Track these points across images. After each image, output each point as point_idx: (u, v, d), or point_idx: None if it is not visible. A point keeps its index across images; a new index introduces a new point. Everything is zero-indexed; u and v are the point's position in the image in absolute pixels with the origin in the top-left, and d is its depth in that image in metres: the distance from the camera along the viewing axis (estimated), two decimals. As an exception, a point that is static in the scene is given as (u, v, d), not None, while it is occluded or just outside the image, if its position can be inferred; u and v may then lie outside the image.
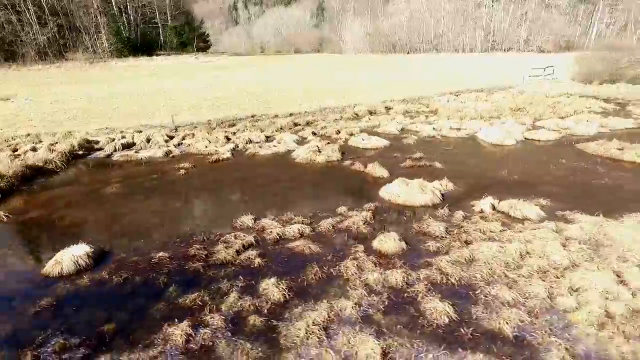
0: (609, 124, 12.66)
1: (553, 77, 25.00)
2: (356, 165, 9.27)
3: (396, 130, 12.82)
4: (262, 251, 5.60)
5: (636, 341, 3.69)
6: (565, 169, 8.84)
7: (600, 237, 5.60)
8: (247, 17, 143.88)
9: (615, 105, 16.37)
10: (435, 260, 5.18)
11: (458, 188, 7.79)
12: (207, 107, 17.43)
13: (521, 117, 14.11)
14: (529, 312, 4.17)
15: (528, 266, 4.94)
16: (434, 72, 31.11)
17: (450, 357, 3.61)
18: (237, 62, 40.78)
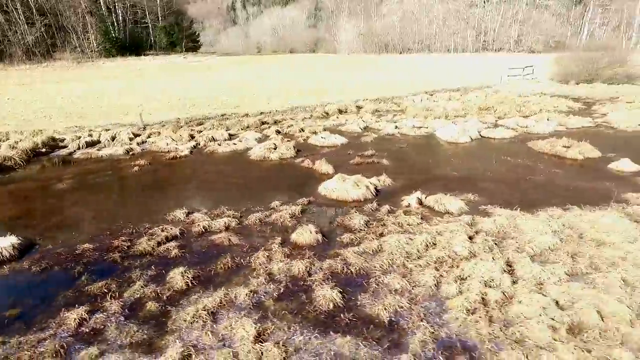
0: (568, 123, 12.88)
1: (532, 77, 25.21)
2: (306, 162, 9.48)
3: (359, 128, 13.02)
4: (183, 243, 5.81)
5: (497, 324, 3.90)
6: (506, 165, 9.05)
7: (509, 230, 5.81)
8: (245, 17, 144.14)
9: (582, 105, 16.59)
10: (343, 251, 5.38)
11: (396, 184, 7.99)
12: (182, 106, 17.65)
13: (486, 116, 14.31)
14: (411, 299, 4.37)
15: (428, 257, 5.14)
16: (418, 72, 31.34)
17: (318, 340, 3.81)
18: (225, 62, 40.99)
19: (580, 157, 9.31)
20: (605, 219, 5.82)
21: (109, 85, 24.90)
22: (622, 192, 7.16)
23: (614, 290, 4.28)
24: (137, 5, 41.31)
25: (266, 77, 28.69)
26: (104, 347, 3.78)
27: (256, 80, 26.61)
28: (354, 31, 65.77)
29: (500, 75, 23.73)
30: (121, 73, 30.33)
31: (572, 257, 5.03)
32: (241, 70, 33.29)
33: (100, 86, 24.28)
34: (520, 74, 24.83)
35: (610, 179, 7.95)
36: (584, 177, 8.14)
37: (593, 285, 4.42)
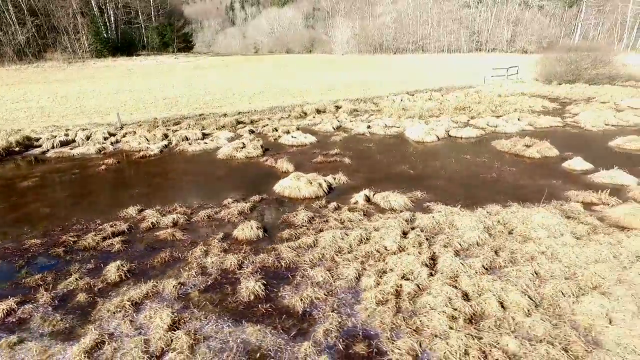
0: (537, 122, 13.06)
1: (517, 77, 25.40)
2: (269, 161, 9.67)
3: (332, 128, 13.21)
4: (128, 238, 5.99)
5: (402, 314, 4.08)
6: (464, 164, 9.23)
7: (444, 226, 6.00)
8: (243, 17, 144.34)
9: (558, 105, 16.77)
10: (280, 246, 5.57)
11: (351, 182, 8.18)
12: (164, 106, 17.83)
13: (460, 115, 14.49)
14: (329, 291, 4.56)
15: (358, 251, 5.33)
16: (406, 72, 31.52)
17: (230, 328, 4.00)
18: (215, 62, 41.17)
19: (538, 156, 9.49)
20: (537, 216, 6.00)
21: (96, 85, 25.07)
22: (566, 189, 7.35)
23: (522, 282, 4.46)
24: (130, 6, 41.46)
25: (253, 77, 28.86)
26: (24, 335, 3.96)
27: (243, 80, 26.79)
28: (349, 31, 66.01)
29: (484, 76, 23.89)
30: (110, 73, 30.52)
31: (495, 251, 5.22)
32: (230, 71, 33.47)
33: (87, 86, 24.45)
34: (505, 75, 25.00)
35: (560, 176, 8.13)
36: (536, 175, 8.32)
37: (506, 278, 4.61)
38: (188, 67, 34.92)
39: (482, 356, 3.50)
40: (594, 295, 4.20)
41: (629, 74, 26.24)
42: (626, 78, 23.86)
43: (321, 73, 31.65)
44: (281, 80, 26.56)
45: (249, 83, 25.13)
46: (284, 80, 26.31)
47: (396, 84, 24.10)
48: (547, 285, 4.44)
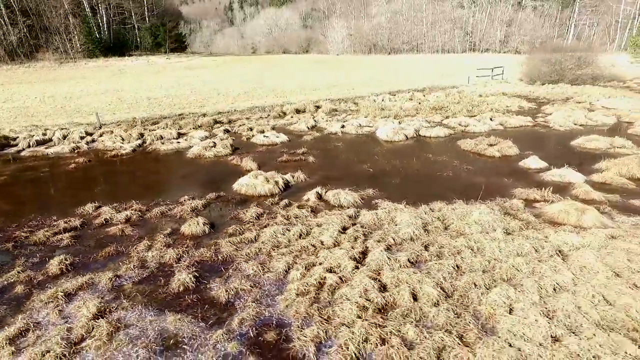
0: (508, 122, 13.24)
1: (502, 77, 25.59)
2: (236, 160, 9.87)
3: (306, 127, 13.40)
4: (79, 234, 6.19)
5: (318, 304, 4.27)
6: (424, 162, 9.43)
7: (385, 222, 6.19)
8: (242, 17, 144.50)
9: (535, 105, 16.95)
10: (222, 241, 5.76)
11: (309, 179, 8.38)
12: (147, 106, 18.03)
13: (435, 115, 14.69)
14: (256, 283, 4.76)
15: (295, 246, 5.52)
16: (394, 72, 31.70)
17: (152, 317, 4.19)
18: (208, 62, 41.40)
19: (498, 155, 9.68)
20: (475, 213, 6.19)
21: (85, 85, 25.27)
22: (515, 187, 7.54)
23: (440, 275, 4.66)
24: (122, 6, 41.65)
25: (242, 77, 29.05)
26: (-44, 325, 4.16)
27: (231, 80, 26.99)
28: (344, 32, 66.21)
29: (468, 76, 24.07)
30: (101, 74, 30.73)
31: (425, 246, 5.41)
32: (220, 71, 33.68)
33: (76, 87, 24.66)
34: (490, 75, 25.19)
35: (513, 174, 8.32)
36: (490, 173, 8.51)
37: (427, 271, 4.80)
38: (179, 68, 35.13)
39: (380, 342, 3.70)
40: (503, 287, 4.39)
41: (614, 74, 26.47)
42: (610, 78, 24.06)
43: (310, 73, 31.85)
44: (268, 80, 26.76)
45: (236, 83, 25.33)
46: (271, 81, 26.51)
47: (382, 84, 24.29)
48: (463, 277, 4.63)
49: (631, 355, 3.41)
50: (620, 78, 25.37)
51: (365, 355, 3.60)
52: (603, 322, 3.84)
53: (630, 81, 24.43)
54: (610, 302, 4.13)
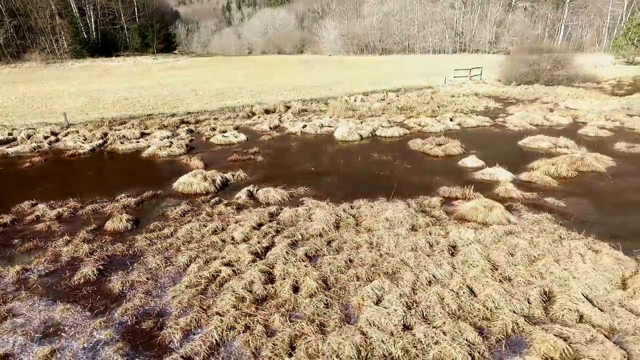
0: (466, 122, 13.47)
1: (481, 78, 25.81)
2: (185, 159, 10.09)
3: (268, 127, 13.62)
4: (7, 230, 6.41)
5: (203, 296, 4.49)
6: (367, 161, 9.64)
7: (300, 219, 6.41)
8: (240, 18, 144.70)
9: (502, 105, 17.17)
10: (139, 236, 5.97)
11: (249, 178, 8.60)
12: (121, 106, 18.23)
13: (398, 115, 14.91)
14: (153, 275, 4.97)
15: (205, 241, 5.74)
16: (378, 72, 31.91)
17: (42, 307, 4.41)
18: (194, 63, 41.68)
19: (442, 154, 9.91)
20: (389, 210, 6.42)
21: (67, 86, 25.49)
22: (442, 184, 7.74)
23: (328, 269, 4.88)
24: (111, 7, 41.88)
25: (223, 77, 29.24)
26: None
27: (212, 80, 27.21)
28: (336, 32, 66.49)
29: (444, 76, 24.29)
30: (86, 74, 30.97)
31: (328, 242, 5.63)
32: (203, 71, 33.92)
33: (58, 87, 24.88)
34: (468, 75, 25.41)
35: (448, 173, 8.53)
36: (427, 171, 8.72)
37: (319, 265, 5.02)
38: (164, 68, 35.38)
39: (245, 329, 3.92)
40: (382, 280, 4.60)
41: (593, 75, 26.72)
42: (585, 79, 24.26)
43: (293, 74, 32.08)
44: (249, 80, 26.98)
45: (216, 83, 25.55)
46: (251, 81, 26.72)
47: (361, 84, 24.50)
48: (349, 271, 4.85)
49: (468, 340, 3.64)
50: (596, 79, 25.60)
51: (227, 342, 3.82)
52: (459, 311, 4.07)
53: (605, 82, 24.64)
54: (475, 293, 4.35)
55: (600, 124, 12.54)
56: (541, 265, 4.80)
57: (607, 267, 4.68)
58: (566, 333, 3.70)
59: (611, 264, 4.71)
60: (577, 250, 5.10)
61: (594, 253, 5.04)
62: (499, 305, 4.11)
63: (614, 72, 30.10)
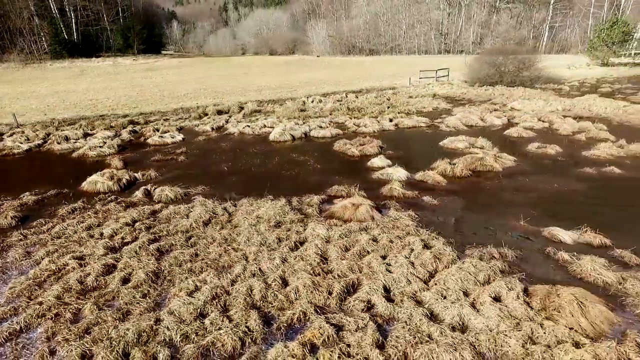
0: (403, 122, 13.73)
1: (448, 79, 26.08)
2: (109, 159, 10.36)
3: (210, 128, 13.89)
4: None
5: (38, 286, 4.76)
6: (282, 161, 9.90)
7: (178, 215, 6.67)
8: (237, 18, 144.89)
9: (451, 106, 17.40)
10: (16, 232, 6.24)
11: (160, 177, 8.87)
12: (81, 107, 18.54)
13: (344, 116, 15.17)
14: (4, 268, 5.24)
15: (74, 237, 6.01)
16: (351, 73, 32.19)
17: None
18: (173, 64, 42.03)
19: (358, 154, 10.18)
20: (264, 207, 6.69)
21: (39, 87, 25.80)
22: (337, 183, 7.96)
23: (167, 262, 5.15)
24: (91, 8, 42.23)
25: (196, 78, 29.52)
26: None
27: (183, 81, 27.50)
28: (324, 33, 66.81)
29: (409, 77, 24.57)
30: (61, 75, 31.27)
31: (188, 238, 5.90)
32: (179, 72, 34.23)
33: (29, 88, 25.19)
34: (434, 76, 25.68)
35: (351, 172, 8.77)
36: (333, 171, 8.95)
37: (164, 259, 5.28)
38: (141, 69, 35.69)
39: (53, 317, 4.19)
40: (211, 272, 4.87)
41: (560, 76, 26.99)
42: (547, 80, 24.50)
43: (266, 75, 32.38)
44: (221, 81, 27.26)
45: (186, 84, 25.83)
46: (223, 82, 27.00)
47: (329, 85, 24.77)
48: (188, 264, 5.12)
49: (248, 328, 3.90)
50: (561, 80, 25.87)
51: (32, 329, 4.09)
52: (260, 302, 4.34)
53: (568, 83, 24.92)
54: (287, 284, 4.62)
55: (530, 125, 12.79)
56: (366, 259, 5.07)
57: (424, 262, 4.95)
58: (343, 321, 3.97)
59: (429, 259, 4.98)
60: (411, 245, 5.37)
61: (425, 248, 5.30)
62: (299, 296, 4.38)
63: (584, 73, 30.37)
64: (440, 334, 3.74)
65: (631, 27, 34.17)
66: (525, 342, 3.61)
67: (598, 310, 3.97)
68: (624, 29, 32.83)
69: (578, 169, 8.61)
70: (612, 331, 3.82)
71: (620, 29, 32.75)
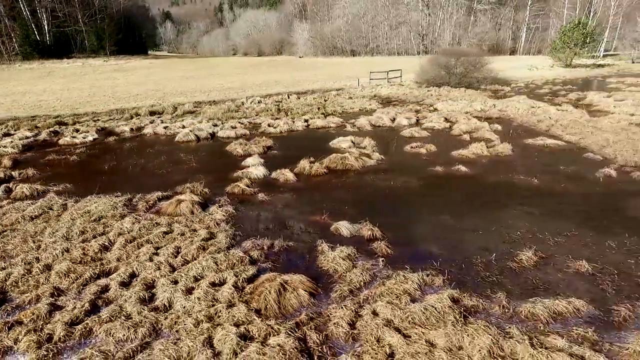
0: (315, 123, 14.16)
1: (401, 80, 26.50)
2: (2, 159, 10.78)
3: (128, 129, 14.28)
4: None
5: None
6: (167, 161, 10.30)
7: (13, 210, 7.09)
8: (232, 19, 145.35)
9: (381, 107, 17.77)
10: None
11: (37, 175, 9.28)
12: (25, 109, 18.94)
13: (267, 117, 15.59)
14: None
15: None
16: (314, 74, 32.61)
17: None
18: (145, 64, 42.59)
19: (242, 153, 10.61)
20: (96, 204, 7.11)
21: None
22: (193, 181, 8.37)
23: None
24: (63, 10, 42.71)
25: (157, 80, 29.92)
26: None
27: (143, 82, 27.95)
28: (306, 34, 67.31)
29: (358, 78, 24.98)
30: (26, 76, 31.75)
31: (2, 232, 6.31)
32: (148, 73, 34.69)
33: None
34: (385, 77, 26.09)
35: (220, 171, 9.16)
36: (203, 170, 9.35)
37: None
38: (109, 70, 36.20)
39: None
40: None
41: (510, 77, 27.41)
42: (494, 81, 24.91)
43: (233, 76, 32.83)
44: (178, 83, 27.67)
45: (143, 85, 26.25)
46: (182, 83, 27.42)
47: (282, 86, 25.18)
48: (-21, 254, 5.53)
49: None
50: (509, 81, 26.30)
51: None
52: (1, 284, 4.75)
53: (514, 84, 25.35)
54: (50, 268, 5.03)
55: (431, 125, 13.20)
56: (143, 249, 5.47)
57: (190, 252, 5.36)
58: (67, 303, 4.38)
59: (196, 249, 5.39)
60: (194, 238, 5.78)
61: (204, 241, 5.71)
62: (48, 281, 4.79)
63: (540, 74, 30.75)
64: (138, 313, 4.15)
65: (591, 29, 34.55)
66: (203, 320, 4.01)
67: (295, 295, 4.38)
68: (584, 31, 33.21)
69: (430, 167, 9.02)
70: (297, 313, 4.22)
71: (580, 31, 33.14)
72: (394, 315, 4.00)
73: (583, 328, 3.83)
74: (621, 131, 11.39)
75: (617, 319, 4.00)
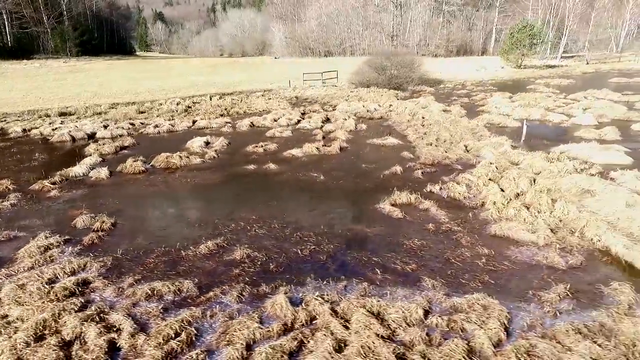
0: (198, 124, 14.63)
1: (337, 81, 26.93)
2: None
3: (20, 129, 14.59)
4: None
5: None
6: (29, 159, 10.75)
7: None
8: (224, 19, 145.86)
9: (290, 107, 18.14)
10: None
11: None
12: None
13: (164, 118, 16.02)
14: None
15: None
16: (262, 75, 33.02)
17: None
18: (103, 66, 43.12)
19: (109, 151, 11.08)
20: None
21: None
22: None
23: None
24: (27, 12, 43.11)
25: (104, 81, 30.23)
26: None
27: (84, 83, 28.32)
28: (280, 35, 67.73)
29: (289, 80, 25.41)
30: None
31: None
32: (97, 74, 35.16)
33: None
34: (320, 79, 26.47)
35: (49, 169, 9.60)
36: (36, 168, 9.80)
37: None
38: (64, 71, 36.56)
39: None
40: None
41: (444, 77, 27.91)
42: (425, 82, 25.38)
43: (184, 76, 33.32)
44: (118, 84, 27.97)
45: (83, 87, 26.61)
46: (119, 85, 27.62)
47: (217, 87, 25.54)
48: None
49: None
50: (440, 83, 26.80)
51: None
52: None
53: (445, 85, 25.82)
54: None
55: (307, 127, 13.62)
56: None
57: None
58: None
59: None
60: None
61: None
62: None
63: (482, 75, 31.15)
64: None
65: (538, 31, 34.96)
66: None
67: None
68: (530, 33, 33.62)
69: (243, 166, 9.44)
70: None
71: (526, 33, 33.56)
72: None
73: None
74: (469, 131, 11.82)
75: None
